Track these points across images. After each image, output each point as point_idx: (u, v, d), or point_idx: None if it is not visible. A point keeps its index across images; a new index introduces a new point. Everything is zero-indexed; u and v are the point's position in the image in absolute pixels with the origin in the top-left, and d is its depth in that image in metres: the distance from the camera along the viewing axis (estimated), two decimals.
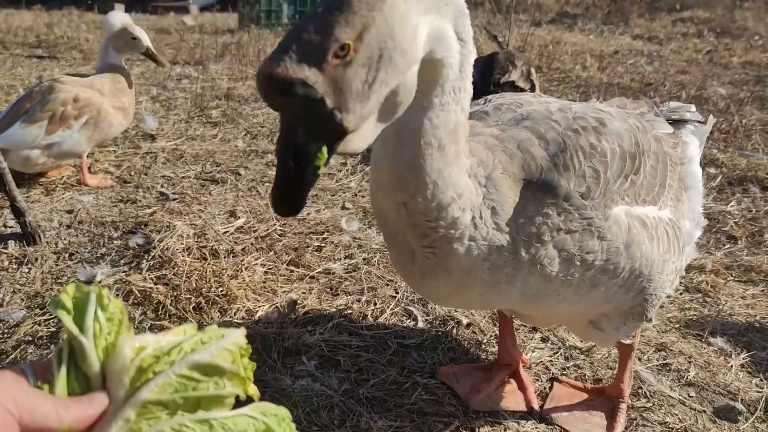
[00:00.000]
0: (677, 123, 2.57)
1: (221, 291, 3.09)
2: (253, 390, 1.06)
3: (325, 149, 1.24)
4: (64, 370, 1.00)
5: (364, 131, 1.29)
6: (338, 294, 3.24)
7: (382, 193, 1.63)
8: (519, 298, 1.87)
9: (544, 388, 2.69)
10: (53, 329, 2.88)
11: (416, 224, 1.62)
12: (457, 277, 1.72)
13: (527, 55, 7.12)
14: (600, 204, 1.80)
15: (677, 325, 3.16)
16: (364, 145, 1.33)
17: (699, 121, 2.64)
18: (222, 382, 1.01)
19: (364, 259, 3.55)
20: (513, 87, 5.08)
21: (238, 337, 1.06)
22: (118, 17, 4.50)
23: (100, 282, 3.17)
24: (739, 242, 4.02)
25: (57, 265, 3.42)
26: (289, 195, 1.26)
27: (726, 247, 3.96)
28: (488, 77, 5.08)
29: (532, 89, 5.29)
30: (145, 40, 4.55)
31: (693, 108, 2.71)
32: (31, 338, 2.82)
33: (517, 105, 1.95)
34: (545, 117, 1.86)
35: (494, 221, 1.67)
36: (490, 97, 2.10)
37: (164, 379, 0.98)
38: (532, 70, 5.49)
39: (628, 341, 2.33)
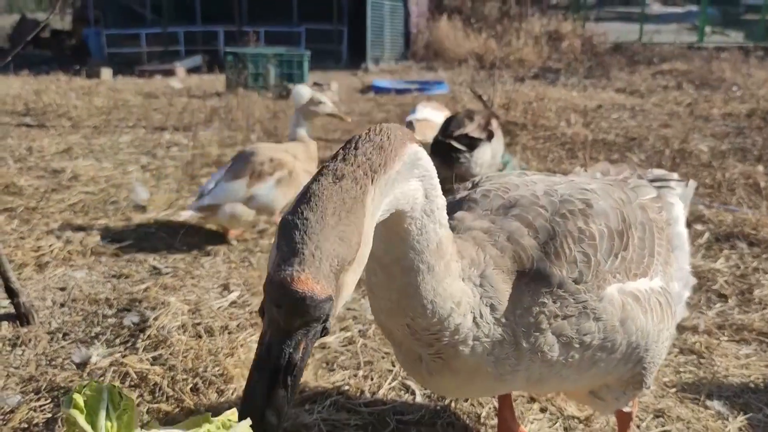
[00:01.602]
0: (660, 185, 2.61)
1: (218, 371, 3.08)
2: None
3: None
4: None
5: None
6: (335, 369, 3.23)
7: (384, 316, 1.69)
8: (524, 383, 1.90)
9: None
10: (49, 415, 2.85)
11: (420, 338, 1.66)
12: (463, 374, 1.76)
13: (495, 111, 7.57)
14: (593, 286, 1.84)
15: (673, 389, 3.17)
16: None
17: (679, 182, 2.69)
18: None
19: (359, 331, 3.56)
20: (468, 137, 5.82)
21: (245, 428, 1.08)
22: (306, 90, 5.31)
23: (95, 364, 3.15)
24: (730, 300, 4.05)
25: (51, 346, 3.40)
26: (281, 414, 1.20)
27: (717, 305, 4.00)
28: (446, 131, 5.97)
29: (489, 138, 5.95)
30: (329, 103, 5.29)
31: (676, 176, 2.77)
32: (27, 425, 2.79)
33: (504, 190, 1.99)
34: (532, 203, 1.91)
35: (494, 317, 1.70)
36: (476, 180, 2.14)
37: None
38: (493, 122, 6.21)
39: (627, 409, 2.35)
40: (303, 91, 5.26)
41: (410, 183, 1.45)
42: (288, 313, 1.17)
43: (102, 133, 8.63)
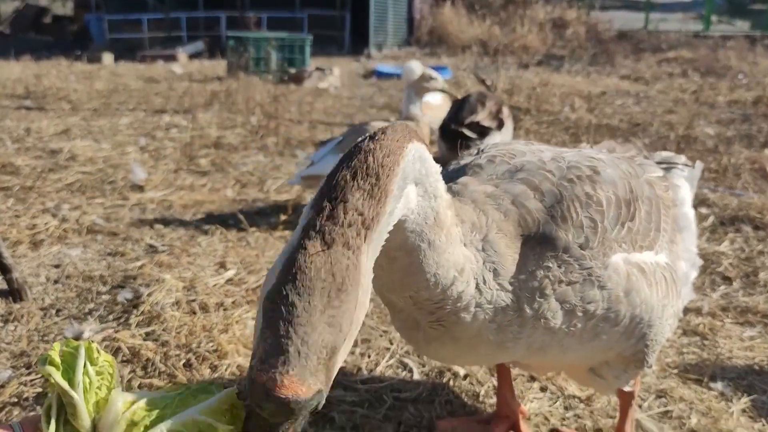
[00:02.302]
0: (667, 166, 2.56)
1: (211, 346, 3.02)
2: None
3: None
4: (53, 426, 1.00)
5: None
6: None
7: (385, 290, 1.62)
8: (524, 352, 1.84)
9: None
10: (39, 389, 2.80)
11: (422, 307, 1.60)
12: (464, 342, 1.70)
13: (499, 95, 7.28)
14: (599, 253, 1.78)
15: (676, 370, 3.11)
16: None
17: (686, 164, 2.64)
18: None
19: None
20: (479, 126, 5.38)
21: (231, 395, 1.04)
22: (417, 65, 5.35)
23: (87, 339, 3.10)
24: (734, 283, 3.99)
25: (44, 322, 3.35)
26: None
27: (721, 288, 3.94)
28: (458, 117, 5.49)
29: (500, 127, 5.52)
30: (441, 79, 5.32)
31: (683, 158, 2.71)
32: (16, 400, 2.74)
33: (510, 156, 1.93)
34: (539, 168, 1.85)
35: (497, 282, 1.64)
36: (482, 147, 2.08)
37: None
38: (504, 109, 5.75)
39: (628, 388, 2.29)
40: (414, 67, 5.22)
41: (402, 194, 1.33)
42: (271, 416, 1.10)
43: (101, 116, 8.57)
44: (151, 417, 0.99)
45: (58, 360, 1.03)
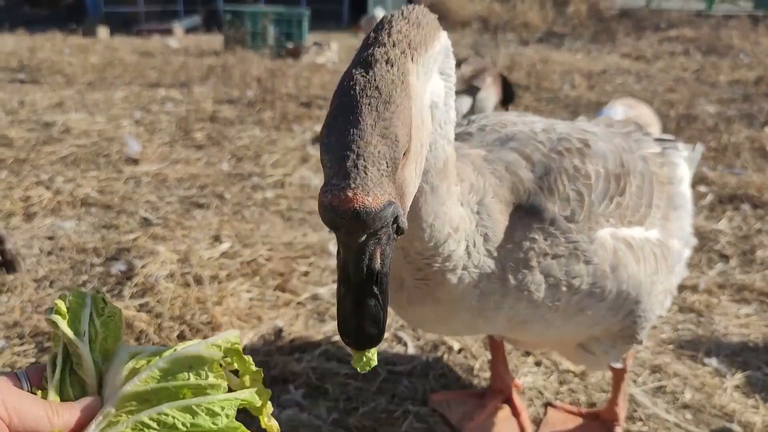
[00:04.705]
0: (665, 144, 2.53)
1: (205, 318, 3.01)
2: (270, 422, 1.04)
3: None
4: (58, 374, 0.99)
5: None
6: (326, 320, 3.16)
7: None
8: (506, 323, 1.82)
9: (538, 414, 2.62)
10: (32, 359, 2.79)
11: (412, 261, 1.57)
12: (445, 305, 1.67)
13: (489, 65, 7.10)
14: (584, 227, 1.75)
15: (671, 346, 3.10)
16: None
17: (686, 145, 2.61)
18: (204, 372, 0.98)
19: None
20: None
21: (230, 335, 1.03)
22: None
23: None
24: (731, 261, 3.98)
25: (37, 294, 3.33)
26: (378, 322, 1.12)
27: (718, 266, 3.92)
28: None
29: (470, 92, 5.57)
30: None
31: (682, 144, 2.67)
32: (9, 369, 2.73)
33: (501, 125, 1.91)
34: (530, 138, 1.82)
35: (486, 248, 1.61)
36: (473, 117, 2.05)
37: (147, 374, 0.97)
38: (487, 78, 5.70)
39: (618, 365, 2.27)
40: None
41: (437, 78, 1.34)
42: (348, 234, 1.07)
43: (96, 89, 8.48)
44: (151, 363, 0.99)
45: (64, 309, 1.02)
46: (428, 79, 1.27)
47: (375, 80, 1.11)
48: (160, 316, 3.01)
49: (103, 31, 15.59)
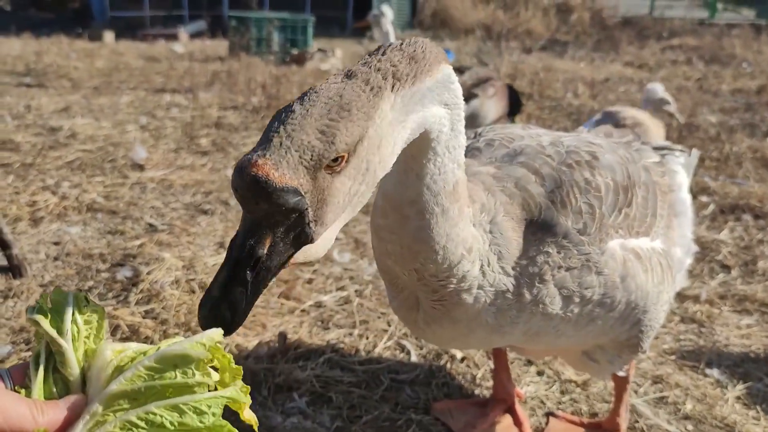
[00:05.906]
0: (663, 152, 2.56)
1: None
2: (249, 415, 1.02)
3: None
4: (41, 373, 0.99)
5: (322, 240, 1.20)
6: (329, 327, 3.18)
7: (391, 261, 1.60)
8: (520, 337, 1.85)
9: (540, 423, 2.64)
10: None
11: (427, 284, 1.59)
12: (462, 323, 1.70)
13: (491, 74, 7.10)
14: (596, 239, 1.79)
15: (673, 357, 3.12)
16: (322, 253, 1.23)
17: (682, 150, 2.64)
18: (190, 371, 0.98)
19: (356, 291, 3.50)
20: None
21: (214, 333, 1.03)
22: (660, 89, 5.50)
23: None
24: (733, 271, 4.00)
25: None
26: (236, 310, 1.09)
27: (720, 276, 3.94)
28: None
29: (468, 99, 5.53)
30: (674, 105, 5.49)
31: (679, 147, 2.70)
32: None
33: (508, 140, 1.93)
34: (538, 152, 1.84)
35: (500, 266, 1.64)
36: (479, 131, 2.08)
37: (133, 372, 0.97)
38: (489, 88, 5.76)
39: (622, 373, 2.30)
40: (657, 88, 5.51)
41: (438, 108, 1.35)
42: (244, 198, 1.07)
43: (102, 94, 8.53)
44: (136, 361, 1.00)
45: (46, 308, 1.04)
46: (411, 112, 1.28)
47: (344, 89, 1.15)
48: (166, 323, 3.03)
49: (108, 36, 15.63)
